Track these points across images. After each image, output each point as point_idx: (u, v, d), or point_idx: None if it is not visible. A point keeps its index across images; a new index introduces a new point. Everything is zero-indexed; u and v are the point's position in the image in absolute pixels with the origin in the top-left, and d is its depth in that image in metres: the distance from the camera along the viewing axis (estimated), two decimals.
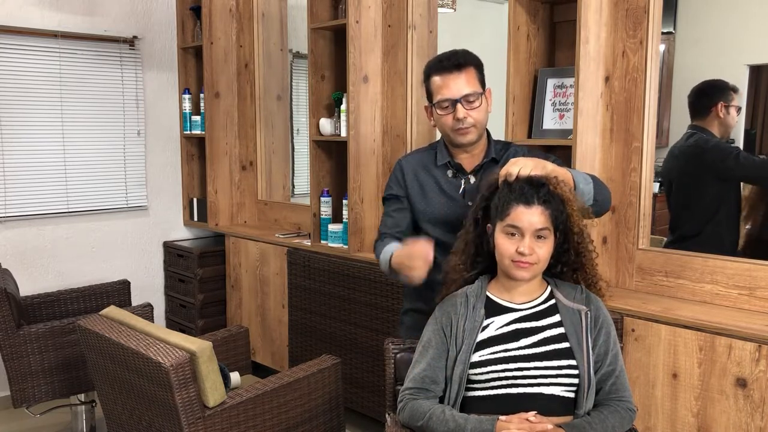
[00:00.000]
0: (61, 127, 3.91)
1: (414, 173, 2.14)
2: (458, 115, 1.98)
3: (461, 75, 1.99)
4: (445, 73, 1.99)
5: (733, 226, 2.79)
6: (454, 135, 2.03)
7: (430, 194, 2.10)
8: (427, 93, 2.08)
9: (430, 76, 2.04)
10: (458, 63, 1.99)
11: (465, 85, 1.98)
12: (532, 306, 1.75)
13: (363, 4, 3.25)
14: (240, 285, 4.07)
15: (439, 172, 2.11)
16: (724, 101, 2.77)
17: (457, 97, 1.97)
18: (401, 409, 1.73)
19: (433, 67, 2.03)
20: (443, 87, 1.99)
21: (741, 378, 2.06)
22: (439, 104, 2.00)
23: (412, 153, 2.25)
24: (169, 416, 2.18)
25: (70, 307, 3.48)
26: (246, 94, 4.21)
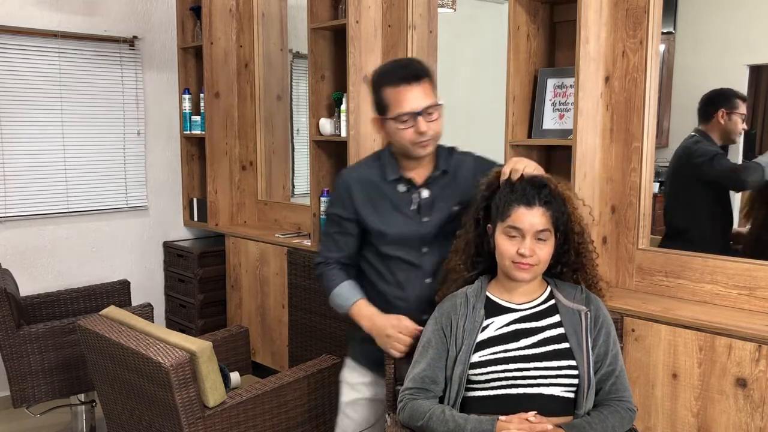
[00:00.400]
0: (61, 127, 3.91)
1: (364, 192, 1.99)
2: (421, 128, 1.87)
3: (420, 86, 1.87)
4: (404, 85, 1.86)
5: (718, 226, 2.84)
6: (413, 148, 1.90)
7: (386, 213, 1.98)
8: (379, 104, 1.93)
9: (383, 87, 1.89)
10: (416, 74, 1.87)
11: (424, 98, 1.87)
12: (532, 306, 1.75)
13: (363, 4, 3.25)
14: (240, 285, 4.06)
15: (389, 188, 1.99)
16: (726, 108, 2.82)
17: (418, 110, 1.86)
18: (401, 409, 1.73)
19: (388, 77, 1.90)
20: (402, 100, 1.86)
21: (741, 378, 2.06)
22: (399, 118, 1.87)
23: (354, 168, 2.08)
24: (169, 416, 2.18)
25: (70, 307, 3.48)
26: (246, 94, 4.21)
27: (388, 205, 1.98)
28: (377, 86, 1.92)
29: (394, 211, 1.97)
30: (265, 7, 4.12)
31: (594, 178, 2.53)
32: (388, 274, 2.00)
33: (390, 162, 1.99)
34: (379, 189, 1.99)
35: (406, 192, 1.98)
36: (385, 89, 1.89)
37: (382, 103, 1.91)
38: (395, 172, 1.98)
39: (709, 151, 2.84)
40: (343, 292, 2.01)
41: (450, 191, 1.99)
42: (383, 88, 1.89)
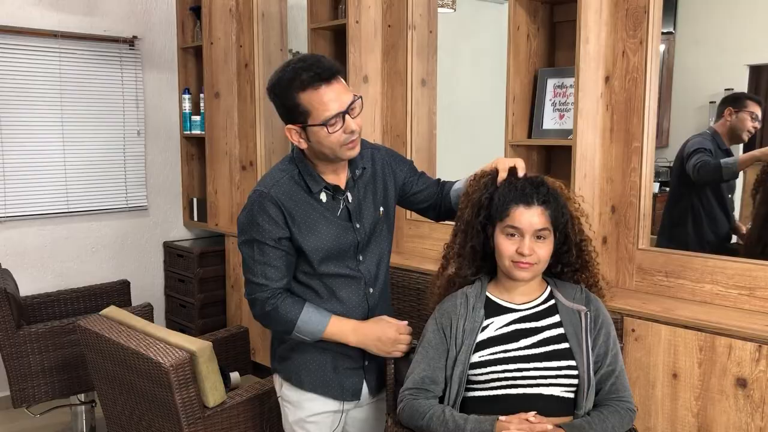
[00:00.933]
0: (61, 127, 3.91)
1: (295, 209, 1.79)
2: (351, 127, 1.72)
3: (338, 83, 1.72)
4: (323, 85, 1.68)
5: (711, 224, 2.86)
6: (342, 151, 1.75)
7: (319, 228, 1.81)
8: (293, 111, 1.72)
9: (296, 92, 1.69)
10: (331, 70, 1.70)
11: (346, 93, 1.72)
12: (531, 306, 1.75)
13: (363, 4, 3.25)
14: (240, 285, 4.06)
15: (313, 200, 1.82)
16: (732, 106, 2.86)
17: (344, 109, 1.71)
18: (401, 409, 1.73)
19: (300, 80, 1.69)
20: (327, 101, 1.68)
21: (741, 378, 2.06)
22: (328, 122, 1.69)
23: (274, 183, 1.81)
24: (169, 416, 2.18)
25: (70, 307, 3.48)
26: (246, 94, 4.20)
27: (320, 219, 1.81)
28: (287, 92, 1.71)
29: (325, 225, 1.82)
30: (265, 7, 4.12)
31: (594, 178, 2.53)
32: (326, 293, 1.86)
33: (310, 173, 1.81)
34: (307, 203, 1.81)
35: (332, 200, 1.84)
36: (301, 94, 1.69)
37: (299, 109, 1.71)
38: (320, 182, 1.82)
39: (699, 148, 2.86)
40: (312, 317, 1.82)
41: (372, 190, 1.92)
42: (297, 93, 1.70)
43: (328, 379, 1.91)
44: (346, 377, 1.92)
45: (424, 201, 2.04)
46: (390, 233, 1.98)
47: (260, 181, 1.85)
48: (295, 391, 1.93)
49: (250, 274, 1.82)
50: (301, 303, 1.82)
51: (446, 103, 3.62)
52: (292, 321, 1.81)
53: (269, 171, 1.88)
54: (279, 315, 1.81)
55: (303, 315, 1.81)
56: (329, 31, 3.49)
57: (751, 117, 2.83)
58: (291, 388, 1.94)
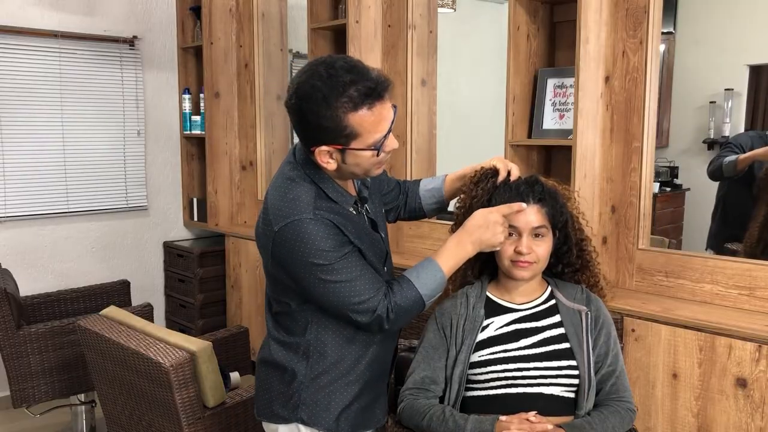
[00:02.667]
0: (61, 127, 3.91)
1: (341, 223, 1.57)
2: (394, 146, 1.55)
3: (389, 100, 1.51)
4: (379, 103, 1.47)
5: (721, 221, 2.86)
6: (374, 169, 1.59)
7: (363, 241, 1.63)
8: (337, 133, 1.47)
9: (347, 111, 1.45)
10: (387, 83, 1.50)
11: (390, 108, 1.52)
12: (532, 306, 1.75)
13: (363, 4, 3.25)
14: (240, 285, 4.06)
15: (349, 213, 1.63)
16: None
17: (390, 126, 1.52)
18: (401, 409, 1.73)
19: (357, 97, 1.44)
20: (381, 122, 1.48)
21: (741, 378, 2.06)
22: (377, 144, 1.50)
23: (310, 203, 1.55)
24: (169, 416, 2.18)
25: (70, 307, 3.48)
26: (246, 94, 4.21)
27: (361, 232, 1.64)
28: (327, 110, 1.45)
29: (366, 238, 1.65)
30: (265, 7, 4.12)
31: (594, 178, 2.53)
32: None
33: (334, 188, 1.61)
34: (346, 217, 1.60)
35: (357, 213, 1.68)
36: (351, 114, 1.45)
37: (345, 132, 1.47)
38: (347, 198, 1.63)
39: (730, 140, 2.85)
40: (426, 279, 1.62)
41: (376, 198, 1.82)
42: (345, 113, 1.45)
43: (369, 415, 1.73)
44: (380, 403, 1.77)
45: (390, 202, 1.94)
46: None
47: (283, 212, 1.55)
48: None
49: (354, 297, 1.55)
50: (405, 280, 1.62)
51: (446, 103, 3.62)
52: (418, 299, 1.61)
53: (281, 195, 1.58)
54: (404, 308, 1.60)
55: (420, 287, 1.61)
56: (329, 31, 3.49)
57: None
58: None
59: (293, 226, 1.53)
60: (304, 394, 1.67)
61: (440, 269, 1.63)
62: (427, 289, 1.62)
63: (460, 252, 1.65)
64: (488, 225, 1.63)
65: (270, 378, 1.73)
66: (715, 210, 2.97)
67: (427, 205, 1.93)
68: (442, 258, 1.65)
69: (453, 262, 1.65)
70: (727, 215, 2.89)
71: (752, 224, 2.79)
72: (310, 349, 1.67)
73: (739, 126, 3.23)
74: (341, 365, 1.67)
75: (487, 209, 1.67)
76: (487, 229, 1.63)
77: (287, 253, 1.55)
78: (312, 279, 1.55)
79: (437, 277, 1.63)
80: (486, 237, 1.64)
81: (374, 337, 1.69)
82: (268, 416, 1.74)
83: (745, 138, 2.85)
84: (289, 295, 1.65)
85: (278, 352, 1.71)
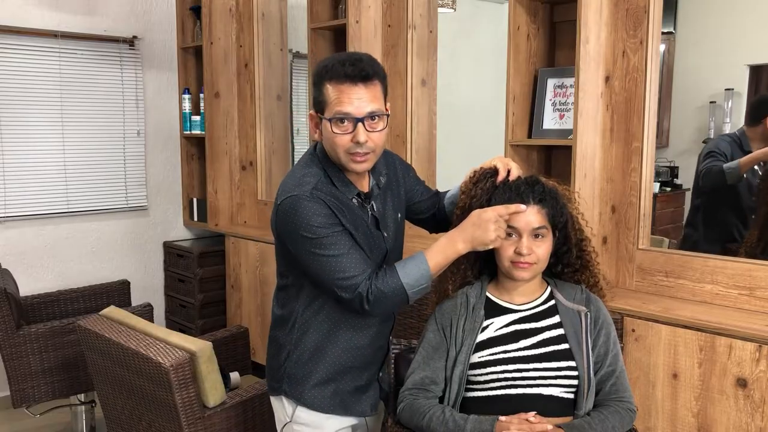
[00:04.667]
0: (61, 127, 3.91)
1: (336, 208, 1.67)
2: (359, 137, 1.62)
3: (366, 88, 1.62)
4: (348, 83, 1.61)
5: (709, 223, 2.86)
6: (346, 160, 1.66)
7: (359, 233, 1.71)
8: (317, 100, 1.67)
9: (325, 81, 1.63)
10: (365, 73, 1.61)
11: (369, 102, 1.62)
12: (531, 307, 1.75)
13: (363, 4, 3.25)
14: (240, 285, 4.06)
15: (350, 203, 1.72)
16: None
17: (359, 116, 1.61)
18: (401, 409, 1.73)
19: (332, 71, 1.62)
20: (344, 100, 1.61)
21: (741, 378, 2.06)
22: (336, 119, 1.62)
23: (306, 187, 1.67)
24: (169, 416, 2.18)
25: (69, 307, 3.47)
26: (246, 94, 4.21)
27: (359, 223, 1.72)
28: (319, 79, 1.65)
29: (363, 231, 1.73)
30: (265, 7, 4.12)
31: (594, 178, 2.53)
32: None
33: (339, 176, 1.72)
34: (346, 205, 1.70)
35: (361, 208, 1.75)
36: (327, 84, 1.63)
37: (321, 97, 1.65)
38: (351, 188, 1.72)
39: (709, 147, 2.86)
40: (410, 270, 1.65)
41: (391, 196, 1.86)
42: (325, 82, 1.63)
43: (347, 401, 1.83)
44: (364, 394, 1.86)
45: (424, 211, 2.00)
46: (403, 238, 1.95)
47: (287, 188, 1.69)
48: (313, 412, 1.81)
49: (339, 272, 1.63)
50: (392, 268, 1.66)
51: (446, 102, 3.62)
52: (399, 287, 1.64)
53: (292, 175, 1.74)
54: (385, 293, 1.64)
55: (403, 276, 1.64)
56: (329, 31, 3.49)
57: None
58: (307, 411, 1.81)
59: (290, 201, 1.66)
60: (288, 367, 1.81)
61: (426, 262, 1.66)
62: (410, 278, 1.65)
63: (450, 248, 1.68)
64: (480, 223, 1.65)
65: (270, 352, 1.89)
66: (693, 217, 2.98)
67: (450, 213, 1.94)
68: (431, 252, 1.68)
69: (441, 257, 1.68)
70: (708, 221, 2.90)
71: (752, 224, 2.80)
72: (297, 324, 1.79)
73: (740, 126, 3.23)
74: (321, 344, 1.79)
75: (483, 208, 1.69)
76: (479, 227, 1.65)
77: (282, 225, 1.69)
78: (303, 251, 1.66)
79: (421, 269, 1.66)
80: (477, 234, 1.65)
81: (355, 322, 1.78)
82: (269, 389, 1.90)
83: (724, 144, 2.86)
84: (288, 268, 1.79)
85: (274, 327, 1.87)
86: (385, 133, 1.69)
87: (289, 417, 1.85)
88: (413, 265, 1.66)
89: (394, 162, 1.92)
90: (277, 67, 4.22)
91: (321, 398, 1.80)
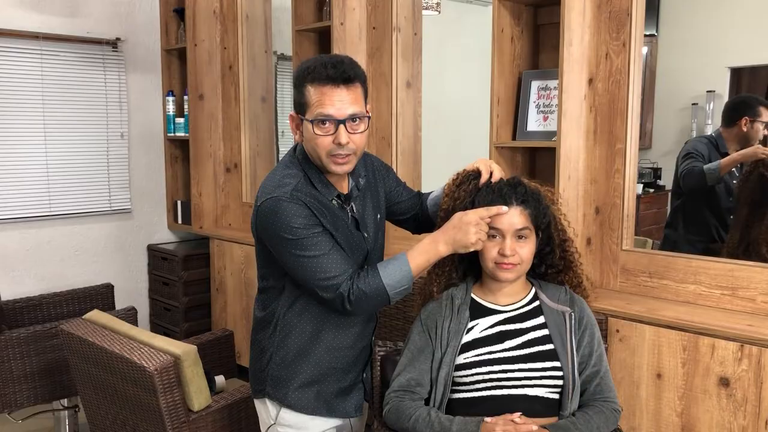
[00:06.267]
0: (44, 130, 3.88)
1: (317, 209, 1.69)
2: (341, 139, 1.64)
3: (348, 90, 1.65)
4: (330, 85, 1.63)
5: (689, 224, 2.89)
6: (327, 161, 1.67)
7: (339, 234, 1.73)
8: (298, 101, 1.68)
9: (307, 83, 1.65)
10: (347, 75, 1.64)
11: (351, 104, 1.64)
12: (516, 308, 1.75)
13: (348, 6, 3.25)
14: (225, 288, 4.05)
15: (330, 204, 1.74)
16: (749, 116, 2.84)
17: (341, 118, 1.63)
18: (387, 411, 1.73)
19: (314, 73, 1.64)
20: (325, 101, 1.63)
21: (724, 377, 2.07)
22: (318, 121, 1.64)
23: (286, 189, 1.68)
24: (153, 420, 2.17)
25: (52, 311, 3.44)
26: (230, 96, 4.19)
27: (339, 225, 1.74)
28: (301, 80, 1.67)
29: (344, 232, 1.75)
30: (249, 8, 4.11)
31: (578, 180, 2.54)
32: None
33: (319, 178, 1.73)
34: (326, 206, 1.72)
35: (341, 209, 1.77)
36: (309, 86, 1.65)
37: (302, 99, 1.66)
38: (331, 189, 1.74)
39: (687, 148, 2.88)
40: (392, 271, 1.68)
41: (371, 197, 1.88)
42: (306, 84, 1.65)
43: (331, 402, 1.84)
44: (348, 395, 1.87)
45: (405, 212, 2.01)
46: (384, 239, 1.96)
47: (267, 190, 1.71)
48: (297, 414, 1.82)
49: (320, 273, 1.65)
50: (374, 269, 1.69)
51: (431, 104, 3.63)
52: (381, 288, 1.66)
53: (272, 177, 1.75)
54: (366, 293, 1.66)
55: (384, 277, 1.67)
56: (314, 33, 3.49)
57: (763, 126, 2.84)
58: (291, 412, 1.82)
59: (270, 202, 1.67)
60: (271, 369, 1.82)
61: (407, 263, 1.69)
62: (392, 279, 1.67)
63: (431, 250, 1.70)
64: (461, 226, 1.67)
65: (252, 355, 1.90)
66: (673, 218, 3.01)
67: (433, 214, 1.94)
68: (413, 254, 1.70)
69: (422, 259, 1.70)
70: (688, 222, 2.93)
71: (733, 225, 2.82)
72: (278, 327, 1.80)
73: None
74: (303, 346, 1.80)
75: (465, 211, 1.70)
76: (459, 230, 1.67)
77: (263, 227, 1.70)
78: (284, 252, 1.68)
79: (403, 270, 1.68)
80: (458, 237, 1.67)
81: (336, 322, 1.79)
82: (252, 392, 1.91)
83: (701, 145, 2.89)
84: (269, 270, 1.80)
85: (256, 329, 1.88)
86: (366, 135, 1.71)
87: (273, 419, 1.85)
88: (395, 266, 1.68)
89: (372, 164, 1.93)
90: (262, 69, 4.21)
91: (305, 399, 1.82)
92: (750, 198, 2.75)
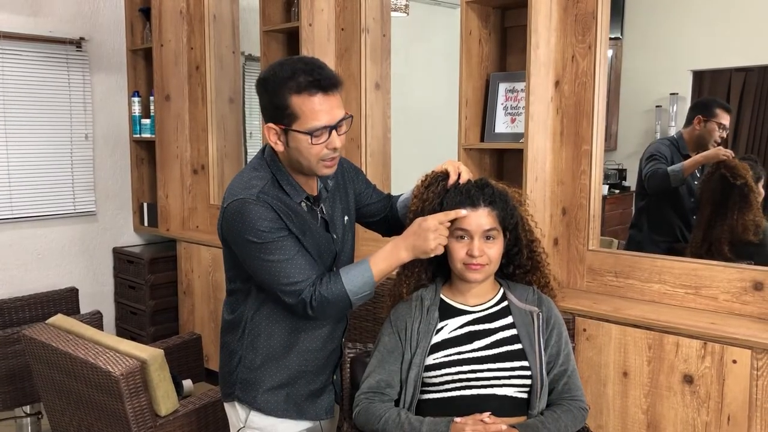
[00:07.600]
0: (4, 131, 3.80)
1: (283, 212, 1.68)
2: (335, 144, 1.65)
3: (335, 96, 1.64)
4: (319, 94, 1.61)
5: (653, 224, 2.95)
6: (319, 166, 1.67)
7: (307, 236, 1.72)
8: (279, 111, 1.62)
9: (291, 93, 1.60)
10: (333, 82, 1.63)
11: (340, 108, 1.65)
12: (485, 308, 1.76)
13: (316, 7, 3.24)
14: (192, 291, 4.00)
15: (298, 208, 1.72)
16: (702, 115, 2.89)
17: (333, 124, 1.64)
18: (357, 413, 1.73)
19: (298, 82, 1.59)
20: (319, 112, 1.60)
21: (688, 374, 2.11)
22: (314, 133, 1.61)
23: (253, 190, 1.66)
24: (119, 426, 2.14)
25: (14, 316, 3.37)
26: (197, 97, 4.15)
27: (307, 227, 1.73)
28: (279, 90, 1.61)
29: (312, 234, 1.74)
30: (216, 8, 4.08)
31: (545, 181, 2.57)
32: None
33: (289, 181, 1.72)
34: (293, 210, 1.70)
35: (310, 211, 1.76)
36: (293, 96, 1.60)
37: (287, 111, 1.61)
38: (299, 191, 1.73)
39: (651, 150, 2.93)
40: (354, 277, 1.68)
41: (339, 199, 1.88)
42: (290, 94, 1.60)
43: (301, 405, 1.84)
44: (318, 397, 1.87)
45: (375, 214, 2.01)
46: (354, 241, 1.96)
47: (234, 191, 1.68)
48: (266, 417, 1.82)
49: (283, 278, 1.65)
50: (336, 275, 1.69)
51: (400, 106, 3.63)
52: (342, 294, 1.67)
53: (239, 179, 1.72)
54: (328, 299, 1.66)
55: (347, 283, 1.67)
56: (282, 33, 3.47)
57: (719, 127, 2.89)
58: (260, 415, 1.82)
59: (236, 205, 1.65)
60: (240, 372, 1.81)
61: (370, 269, 1.69)
62: (353, 285, 1.68)
63: (393, 256, 1.71)
64: (420, 232, 1.68)
65: (221, 358, 1.88)
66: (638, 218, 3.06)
67: (403, 216, 1.94)
68: (375, 260, 1.71)
69: (384, 265, 1.71)
70: (652, 223, 2.99)
71: (696, 225, 2.87)
72: (247, 330, 1.80)
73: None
74: (272, 349, 1.79)
75: (424, 217, 1.71)
76: (419, 236, 1.68)
77: (228, 229, 1.69)
78: (249, 255, 1.67)
79: (365, 277, 1.69)
80: (418, 243, 1.68)
81: (305, 325, 1.79)
82: (222, 395, 1.89)
83: (664, 147, 2.95)
84: (236, 272, 1.79)
85: (225, 332, 1.86)
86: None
87: (242, 422, 1.84)
88: (357, 272, 1.69)
89: (342, 165, 1.91)
90: (229, 69, 4.18)
91: (274, 402, 1.81)
92: (711, 198, 2.81)
